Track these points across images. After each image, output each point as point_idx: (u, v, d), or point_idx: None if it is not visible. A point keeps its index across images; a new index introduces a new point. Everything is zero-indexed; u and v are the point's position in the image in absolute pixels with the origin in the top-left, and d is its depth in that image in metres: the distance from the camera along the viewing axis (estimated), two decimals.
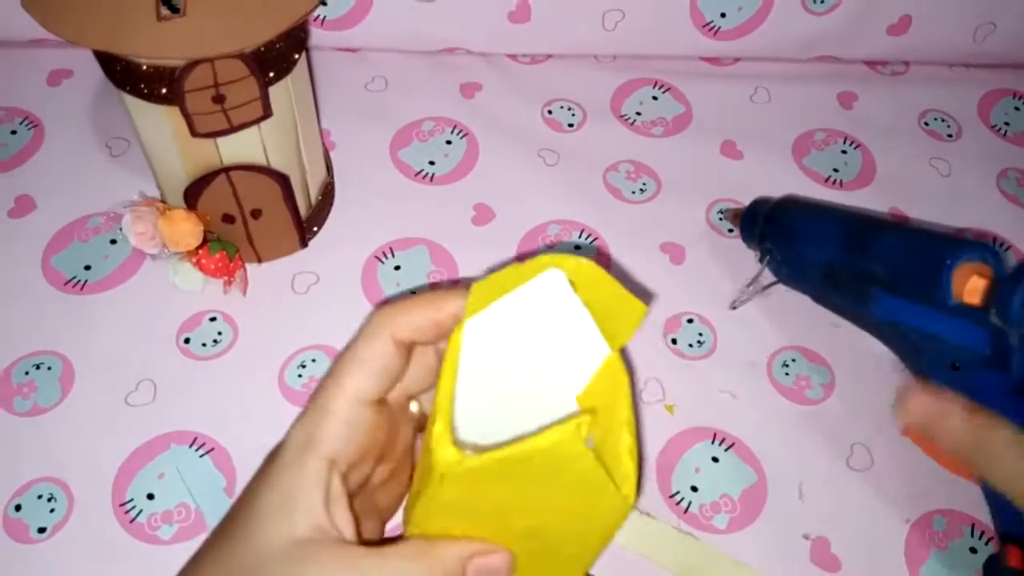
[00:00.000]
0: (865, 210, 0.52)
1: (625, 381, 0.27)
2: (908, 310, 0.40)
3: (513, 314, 0.28)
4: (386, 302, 0.30)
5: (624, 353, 0.28)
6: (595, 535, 0.29)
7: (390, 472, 0.32)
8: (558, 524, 0.28)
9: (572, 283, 0.27)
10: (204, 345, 0.45)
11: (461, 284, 0.29)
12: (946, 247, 0.39)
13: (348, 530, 0.27)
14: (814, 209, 0.49)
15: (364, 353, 0.29)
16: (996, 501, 0.39)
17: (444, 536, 0.28)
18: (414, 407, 0.32)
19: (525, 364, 0.28)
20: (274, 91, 0.40)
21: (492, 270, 0.28)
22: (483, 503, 0.27)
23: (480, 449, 0.25)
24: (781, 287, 0.49)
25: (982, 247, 0.39)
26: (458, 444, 0.25)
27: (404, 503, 0.33)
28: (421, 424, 0.33)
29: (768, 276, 0.48)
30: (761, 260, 0.48)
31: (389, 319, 0.29)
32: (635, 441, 0.26)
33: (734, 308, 0.49)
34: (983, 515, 0.43)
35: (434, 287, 0.48)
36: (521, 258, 0.50)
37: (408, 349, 0.30)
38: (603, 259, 0.50)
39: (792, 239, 0.46)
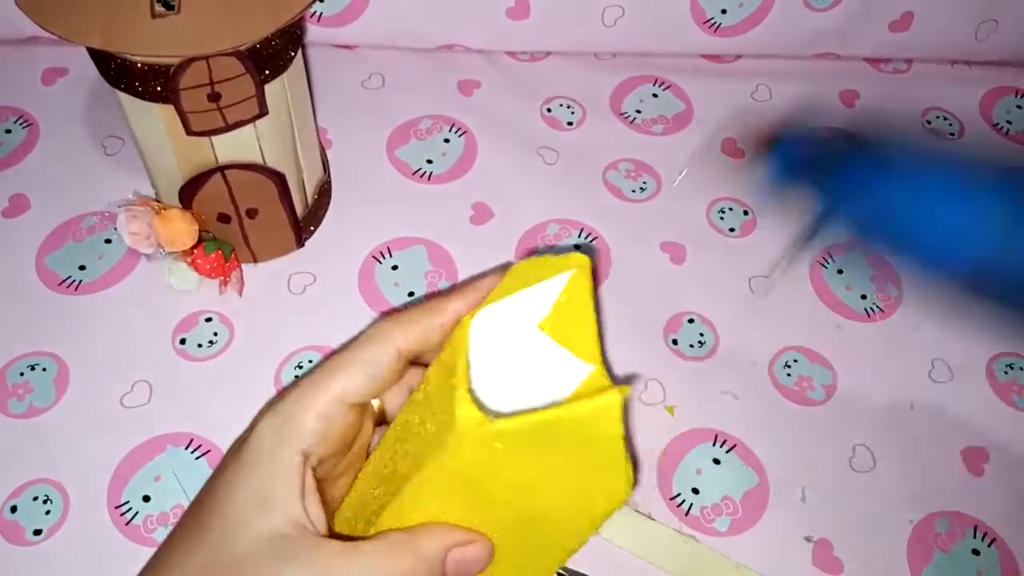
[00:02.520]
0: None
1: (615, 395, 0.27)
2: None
3: (529, 304, 0.28)
4: (390, 312, 0.30)
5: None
6: (584, 525, 0.29)
7: (345, 465, 0.31)
8: (552, 510, 0.28)
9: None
10: (200, 346, 0.45)
11: (457, 286, 0.29)
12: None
13: (321, 524, 0.27)
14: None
15: (361, 357, 0.28)
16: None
17: (422, 523, 0.27)
18: (375, 403, 0.32)
19: (527, 357, 0.28)
20: (270, 89, 0.40)
21: (491, 270, 0.28)
22: (484, 480, 0.26)
23: (500, 415, 0.24)
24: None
25: None
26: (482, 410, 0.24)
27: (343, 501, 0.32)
28: (379, 418, 0.33)
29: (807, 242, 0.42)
30: (815, 221, 0.40)
31: (394, 328, 0.29)
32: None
33: (769, 278, 0.47)
34: (986, 517, 0.43)
35: (430, 296, 0.48)
36: (526, 256, 0.50)
37: (408, 361, 0.29)
38: (603, 259, 0.50)
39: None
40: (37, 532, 0.39)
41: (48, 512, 0.40)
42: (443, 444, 0.25)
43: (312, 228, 0.49)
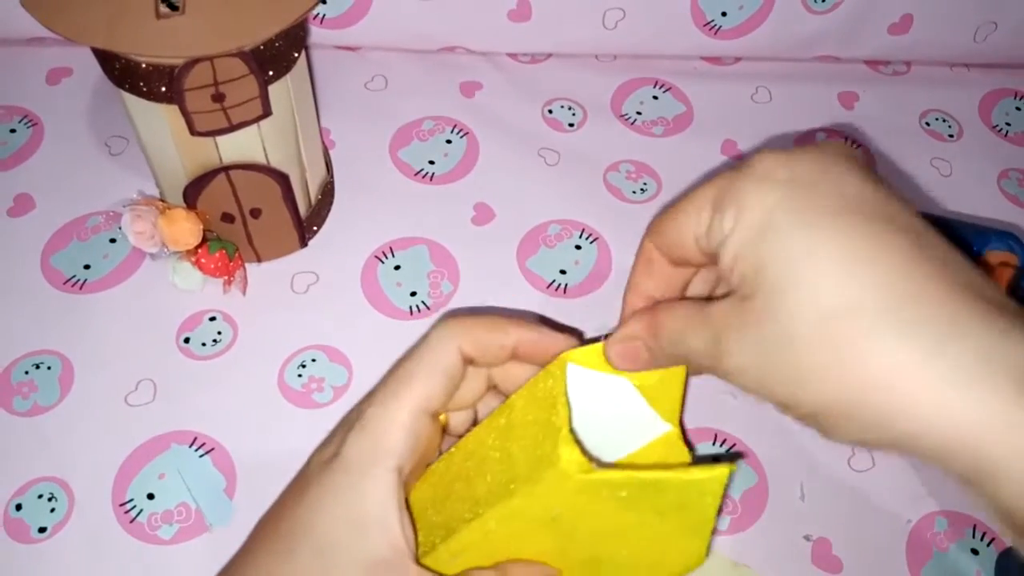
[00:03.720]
0: None
1: (687, 456, 0.28)
2: None
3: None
4: (451, 314, 0.30)
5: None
6: None
7: (416, 477, 0.31)
8: (628, 559, 0.28)
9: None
10: (204, 345, 0.45)
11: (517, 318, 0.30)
12: (972, 235, 0.39)
13: (413, 543, 0.27)
14: None
15: (431, 360, 0.28)
16: None
17: (509, 561, 0.27)
18: (441, 416, 0.32)
19: (611, 403, 0.28)
20: (273, 90, 0.40)
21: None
22: (571, 520, 0.26)
23: (603, 465, 0.25)
24: None
25: (1008, 236, 0.39)
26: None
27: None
28: (443, 431, 0.33)
29: None
30: None
31: (457, 330, 0.28)
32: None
33: None
34: (985, 516, 0.43)
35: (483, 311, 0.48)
36: (522, 258, 0.50)
37: (467, 363, 0.29)
38: (604, 259, 0.50)
39: None
40: (42, 530, 0.40)
41: (53, 510, 0.40)
42: (540, 480, 0.25)
43: (315, 228, 0.49)
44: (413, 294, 0.48)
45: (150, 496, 0.41)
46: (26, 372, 0.44)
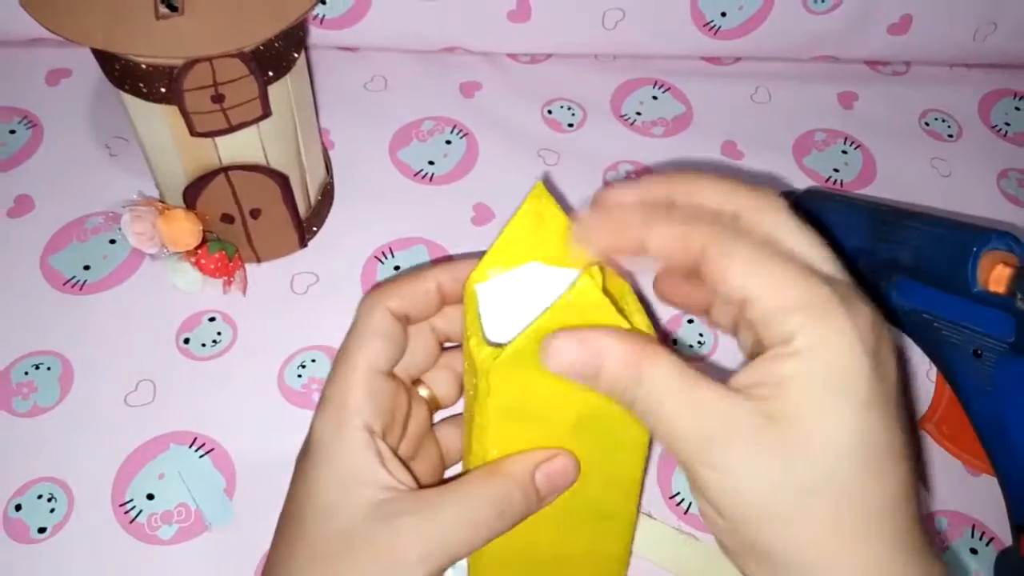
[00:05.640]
0: (886, 200, 0.52)
1: (627, 286, 0.30)
2: (932, 298, 0.41)
3: (514, 247, 0.30)
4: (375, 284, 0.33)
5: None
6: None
7: (413, 450, 0.33)
8: (598, 404, 0.28)
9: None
10: (203, 345, 0.45)
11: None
12: (972, 235, 0.39)
13: (411, 484, 0.29)
14: (838, 199, 0.49)
15: (366, 327, 0.30)
16: (1013, 491, 0.39)
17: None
18: (424, 392, 0.34)
19: (532, 291, 0.29)
20: (273, 90, 0.40)
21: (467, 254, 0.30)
22: (528, 405, 0.28)
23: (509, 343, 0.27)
24: None
25: (1007, 236, 0.39)
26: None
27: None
28: (434, 406, 0.35)
29: None
30: None
31: (379, 294, 0.31)
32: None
33: None
34: (984, 516, 0.43)
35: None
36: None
37: (404, 322, 0.31)
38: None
39: (816, 228, 0.46)
40: (42, 530, 0.40)
41: (52, 510, 0.40)
42: (478, 390, 0.27)
43: (315, 228, 0.49)
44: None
45: (150, 496, 0.41)
46: (26, 373, 0.44)
